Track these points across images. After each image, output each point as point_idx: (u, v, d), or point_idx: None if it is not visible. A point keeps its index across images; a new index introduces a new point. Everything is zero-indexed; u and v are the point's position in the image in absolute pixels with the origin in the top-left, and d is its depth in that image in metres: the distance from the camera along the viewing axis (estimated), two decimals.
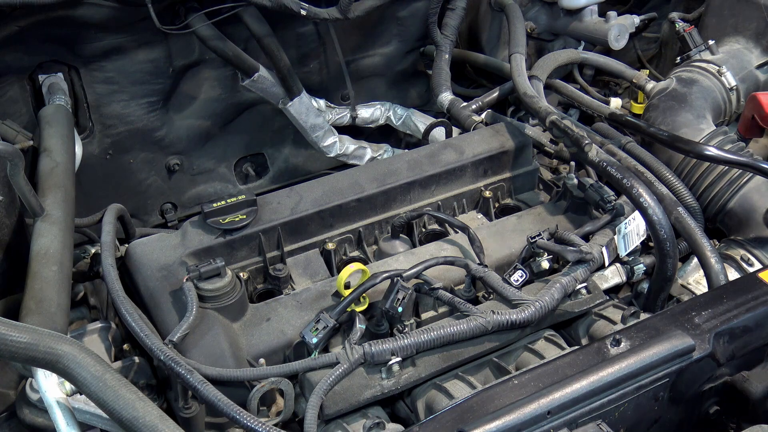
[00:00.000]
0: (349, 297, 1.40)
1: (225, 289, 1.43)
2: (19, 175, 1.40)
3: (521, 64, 2.03)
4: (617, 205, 1.64)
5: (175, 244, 1.54)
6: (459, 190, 1.76)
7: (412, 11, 2.35)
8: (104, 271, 1.44)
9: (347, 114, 2.39)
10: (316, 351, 1.38)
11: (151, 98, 2.13)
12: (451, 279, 1.53)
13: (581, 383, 1.15)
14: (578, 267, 1.49)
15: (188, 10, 1.99)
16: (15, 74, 1.95)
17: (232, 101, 2.27)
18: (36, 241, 1.45)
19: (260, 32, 2.05)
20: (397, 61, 2.45)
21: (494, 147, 1.78)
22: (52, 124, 1.78)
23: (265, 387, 1.29)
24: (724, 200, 1.83)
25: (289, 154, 2.44)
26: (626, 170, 1.59)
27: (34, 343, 1.09)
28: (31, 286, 1.36)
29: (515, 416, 1.10)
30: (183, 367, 1.27)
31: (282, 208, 1.61)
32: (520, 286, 1.49)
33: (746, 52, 2.17)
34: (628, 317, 1.43)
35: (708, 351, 1.24)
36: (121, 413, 1.06)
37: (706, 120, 1.97)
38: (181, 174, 2.32)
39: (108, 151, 2.16)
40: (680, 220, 1.63)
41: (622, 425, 1.21)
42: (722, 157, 1.73)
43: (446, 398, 1.33)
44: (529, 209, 1.75)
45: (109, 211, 1.60)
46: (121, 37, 1.99)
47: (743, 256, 1.74)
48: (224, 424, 1.38)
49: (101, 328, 1.50)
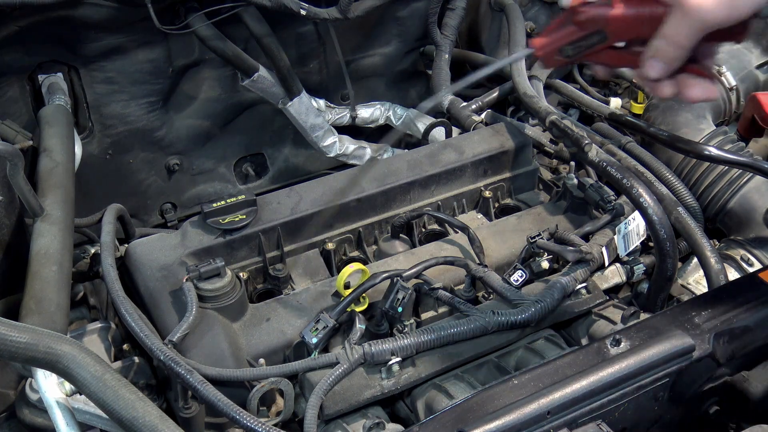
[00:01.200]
0: (349, 297, 1.40)
1: (225, 289, 1.43)
2: (18, 175, 1.40)
3: (521, 64, 2.03)
4: (617, 205, 1.64)
5: (175, 244, 1.54)
6: (459, 190, 1.76)
7: (412, 11, 2.35)
8: (104, 271, 1.44)
9: (347, 114, 2.39)
10: (316, 351, 1.38)
11: (151, 98, 2.13)
12: (451, 279, 1.53)
13: (581, 383, 1.15)
14: (578, 267, 1.49)
15: (188, 10, 1.99)
16: (15, 74, 1.94)
17: (232, 101, 2.27)
18: (36, 241, 1.44)
19: (260, 32, 2.05)
20: (397, 61, 2.45)
21: (494, 147, 1.78)
22: (52, 124, 1.78)
23: (265, 387, 1.29)
24: (724, 200, 1.83)
25: (289, 154, 2.44)
26: (626, 170, 1.59)
27: (33, 343, 1.09)
28: (30, 286, 1.36)
29: (515, 416, 1.10)
30: (183, 367, 1.27)
31: (282, 208, 1.61)
32: (520, 286, 1.48)
33: (746, 52, 2.17)
34: (628, 317, 1.43)
35: (708, 351, 1.24)
36: (121, 413, 1.06)
37: (706, 120, 1.97)
38: (181, 174, 2.32)
39: (108, 151, 2.16)
40: (680, 220, 1.63)
41: (622, 425, 1.21)
42: (722, 157, 1.73)
43: (446, 398, 1.33)
44: (529, 209, 1.75)
45: (108, 211, 1.60)
46: (121, 37, 1.99)
47: (743, 256, 1.74)
48: (224, 424, 1.38)
49: (101, 328, 1.50)
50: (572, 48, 1.06)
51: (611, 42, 1.04)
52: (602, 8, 1.02)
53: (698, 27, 0.97)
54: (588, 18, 1.03)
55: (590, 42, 1.05)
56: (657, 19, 0.99)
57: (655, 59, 1.02)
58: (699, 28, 0.98)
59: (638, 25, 1.01)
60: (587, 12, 1.02)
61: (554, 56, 1.08)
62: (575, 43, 1.06)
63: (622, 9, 1.01)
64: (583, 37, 1.05)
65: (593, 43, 1.05)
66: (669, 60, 1.02)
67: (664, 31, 1.00)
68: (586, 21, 1.03)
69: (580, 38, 1.05)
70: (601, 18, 1.02)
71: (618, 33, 1.03)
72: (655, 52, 1.02)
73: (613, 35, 1.03)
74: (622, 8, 1.01)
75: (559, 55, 1.07)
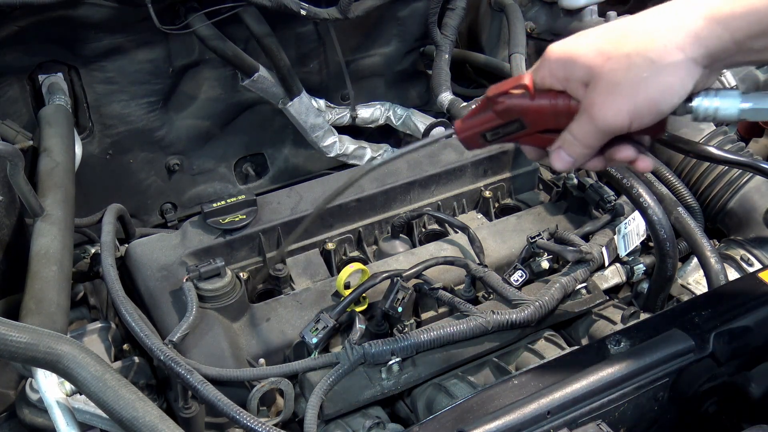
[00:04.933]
0: (349, 297, 1.40)
1: (225, 289, 1.43)
2: (18, 175, 1.40)
3: (521, 64, 2.03)
4: (617, 205, 1.64)
5: (175, 244, 1.55)
6: (459, 190, 1.76)
7: (412, 11, 2.35)
8: (104, 271, 1.44)
9: (347, 114, 2.39)
10: (316, 351, 1.38)
11: (151, 98, 2.13)
12: (451, 279, 1.53)
13: (581, 383, 1.15)
14: (578, 267, 1.49)
15: (188, 10, 1.99)
16: (15, 74, 1.94)
17: (232, 101, 2.26)
18: (36, 241, 1.44)
19: (260, 32, 2.05)
20: (397, 61, 2.45)
21: (494, 147, 1.78)
22: (52, 124, 1.78)
23: (265, 387, 1.29)
24: (724, 200, 1.83)
25: (289, 154, 2.44)
26: (626, 170, 1.59)
27: (34, 343, 1.09)
28: (30, 286, 1.36)
29: (515, 416, 1.10)
30: (183, 367, 1.27)
31: (282, 208, 1.62)
32: (520, 286, 1.49)
33: None
34: (628, 317, 1.43)
35: (708, 351, 1.24)
36: (121, 413, 1.06)
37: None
38: (181, 174, 2.32)
39: (108, 151, 2.16)
40: (680, 220, 1.63)
41: (622, 425, 1.21)
42: (722, 157, 1.73)
43: (446, 398, 1.33)
44: (529, 209, 1.75)
45: (109, 211, 1.60)
46: (121, 37, 1.99)
47: (743, 256, 1.74)
48: (224, 424, 1.38)
49: (101, 328, 1.50)
50: (492, 134, 1.07)
51: (531, 130, 1.05)
52: (519, 99, 1.02)
53: (603, 132, 0.98)
54: (505, 108, 1.04)
55: (509, 130, 1.06)
56: (573, 112, 1.00)
57: (562, 151, 1.03)
58: (604, 133, 0.98)
59: (555, 116, 1.02)
60: (504, 103, 1.03)
61: (476, 140, 1.09)
62: (495, 129, 1.07)
63: (538, 101, 1.02)
64: (502, 125, 1.06)
65: (513, 131, 1.06)
66: (575, 155, 1.02)
67: (571, 128, 1.00)
68: (503, 111, 1.04)
69: (499, 125, 1.06)
70: (517, 109, 1.03)
71: (536, 123, 1.04)
72: (562, 144, 1.02)
73: (532, 125, 1.04)
74: (539, 100, 1.02)
75: (481, 139, 1.09)
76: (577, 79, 0.97)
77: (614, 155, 1.03)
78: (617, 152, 1.03)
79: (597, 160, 1.05)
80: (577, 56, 0.96)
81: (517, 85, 1.02)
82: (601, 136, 0.99)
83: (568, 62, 0.97)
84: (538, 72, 1.01)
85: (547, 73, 1.00)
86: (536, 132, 1.05)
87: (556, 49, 0.99)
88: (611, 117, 0.95)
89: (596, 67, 0.95)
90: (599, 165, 1.06)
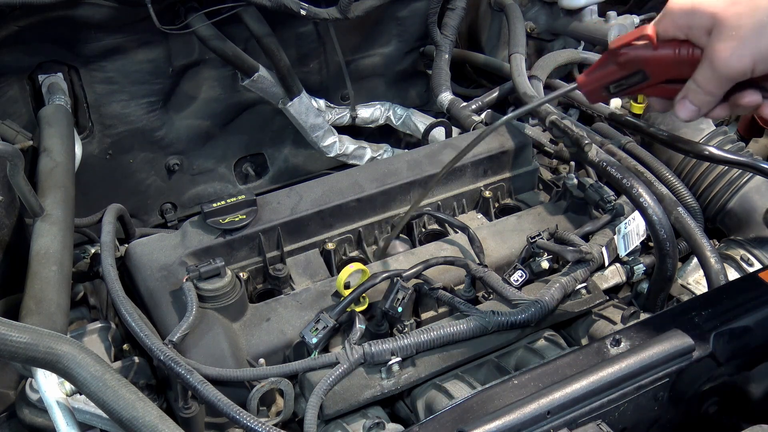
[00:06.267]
0: (349, 297, 1.40)
1: (225, 289, 1.43)
2: (18, 175, 1.40)
3: (521, 64, 2.03)
4: (617, 205, 1.64)
5: (175, 244, 1.54)
6: (459, 190, 1.76)
7: (412, 11, 2.35)
8: (104, 271, 1.44)
9: (347, 114, 2.39)
10: (316, 351, 1.38)
11: (151, 98, 2.13)
12: (451, 279, 1.53)
13: (581, 383, 1.15)
14: (578, 267, 1.49)
15: (188, 10, 1.99)
16: (15, 74, 1.94)
17: (232, 101, 2.27)
18: (36, 241, 1.44)
19: (260, 32, 2.05)
20: (397, 61, 2.45)
21: (494, 147, 1.78)
22: (52, 124, 1.78)
23: (265, 387, 1.29)
24: (724, 200, 1.83)
25: (289, 154, 2.44)
26: (626, 170, 1.59)
27: (34, 343, 1.09)
28: (30, 286, 1.36)
29: (515, 416, 1.10)
30: (183, 367, 1.27)
31: (282, 208, 1.61)
32: (520, 286, 1.49)
33: None
34: (628, 317, 1.43)
35: (708, 351, 1.24)
36: (121, 413, 1.06)
37: (705, 120, 1.97)
38: (181, 174, 2.32)
39: (108, 151, 2.16)
40: (680, 220, 1.63)
41: (622, 425, 1.21)
42: (722, 157, 1.73)
43: (446, 398, 1.33)
44: (529, 209, 1.75)
45: (108, 211, 1.60)
46: (121, 37, 1.99)
47: (743, 256, 1.74)
48: (224, 424, 1.38)
49: (101, 328, 1.50)
50: (615, 86, 1.10)
51: (653, 81, 1.07)
52: (642, 50, 1.04)
53: (726, 78, 0.98)
54: (628, 60, 1.06)
55: (632, 81, 1.08)
56: (696, 61, 1.01)
57: (686, 100, 1.04)
58: (727, 79, 0.98)
59: (677, 66, 1.03)
60: (627, 54, 1.05)
61: (599, 93, 1.12)
62: (618, 81, 1.09)
63: (660, 51, 1.03)
64: (625, 77, 1.08)
65: (636, 82, 1.08)
66: (699, 103, 1.03)
67: (695, 77, 1.01)
68: (626, 62, 1.06)
69: (623, 77, 1.08)
70: (640, 59, 1.05)
71: (658, 73, 1.06)
72: (687, 94, 1.03)
73: (654, 75, 1.06)
74: (661, 50, 1.03)
75: (605, 92, 1.11)
76: (701, 27, 0.97)
77: (739, 100, 1.03)
78: (742, 97, 1.02)
79: (721, 108, 1.05)
80: (700, 3, 0.97)
81: (640, 36, 1.03)
82: (724, 82, 0.99)
83: (691, 10, 0.98)
84: (661, 23, 1.02)
85: (669, 23, 1.01)
86: (659, 83, 1.07)
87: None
88: (734, 62, 0.96)
89: (720, 12, 0.95)
90: (723, 113, 1.06)
